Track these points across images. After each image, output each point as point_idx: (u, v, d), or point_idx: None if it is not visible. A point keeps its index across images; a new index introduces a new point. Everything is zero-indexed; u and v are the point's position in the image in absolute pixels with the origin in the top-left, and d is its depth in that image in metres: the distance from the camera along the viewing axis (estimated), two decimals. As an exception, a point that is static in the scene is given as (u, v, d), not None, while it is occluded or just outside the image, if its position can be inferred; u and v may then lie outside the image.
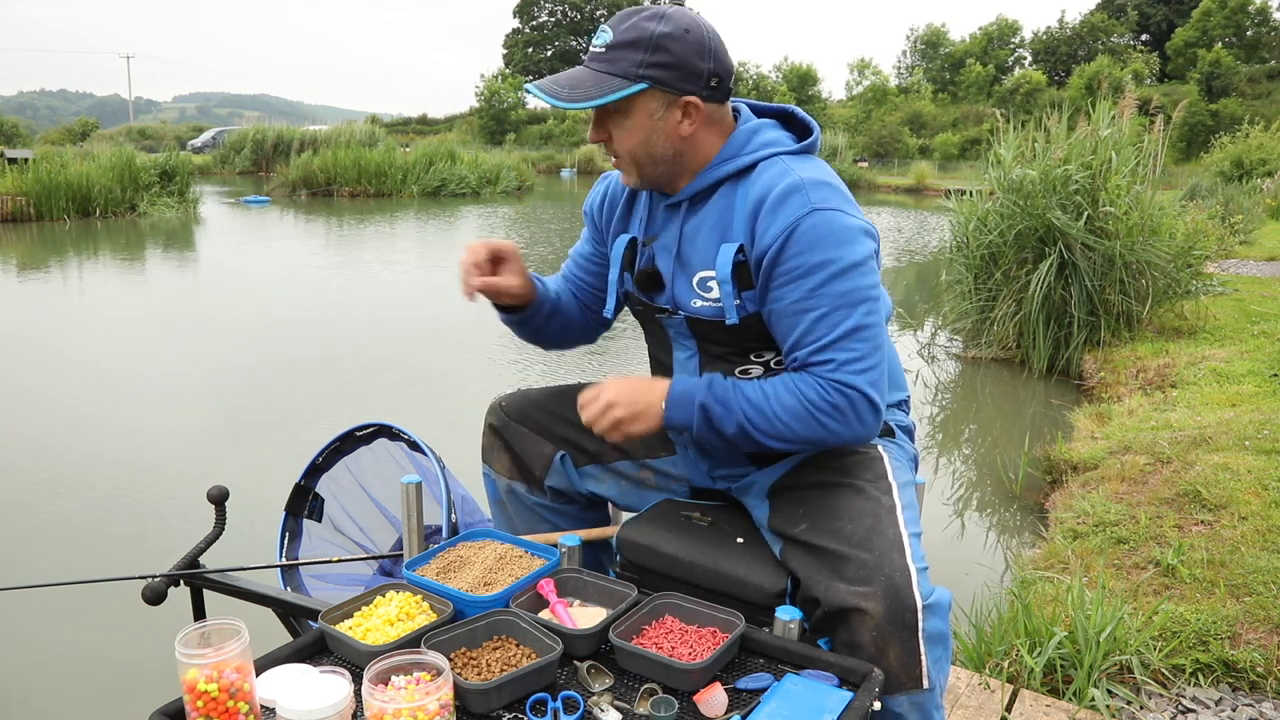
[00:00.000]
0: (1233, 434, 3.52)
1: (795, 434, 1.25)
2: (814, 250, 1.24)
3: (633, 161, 1.35)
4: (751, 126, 1.37)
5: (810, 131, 1.40)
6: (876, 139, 40.75)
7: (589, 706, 1.02)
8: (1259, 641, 2.12)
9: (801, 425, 1.25)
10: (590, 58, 1.30)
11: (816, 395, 1.23)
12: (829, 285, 1.24)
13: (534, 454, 1.58)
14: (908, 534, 1.22)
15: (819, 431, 1.25)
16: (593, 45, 1.31)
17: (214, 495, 1.69)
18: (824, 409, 1.23)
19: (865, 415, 1.24)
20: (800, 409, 1.24)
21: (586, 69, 1.29)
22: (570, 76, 1.30)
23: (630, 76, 1.26)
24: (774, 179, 1.29)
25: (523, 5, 62.02)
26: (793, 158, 1.33)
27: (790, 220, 1.24)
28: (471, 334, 6.85)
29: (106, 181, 14.77)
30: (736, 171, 1.33)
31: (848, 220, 1.26)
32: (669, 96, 1.28)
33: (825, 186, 1.28)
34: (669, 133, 1.31)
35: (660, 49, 1.25)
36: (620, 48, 1.26)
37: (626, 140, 1.32)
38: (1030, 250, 5.76)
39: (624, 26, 1.27)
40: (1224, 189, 13.72)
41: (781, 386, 1.26)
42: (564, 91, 1.28)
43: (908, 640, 1.14)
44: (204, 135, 37.37)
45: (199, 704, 0.93)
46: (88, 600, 2.71)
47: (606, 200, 1.53)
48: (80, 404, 4.81)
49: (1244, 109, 31.98)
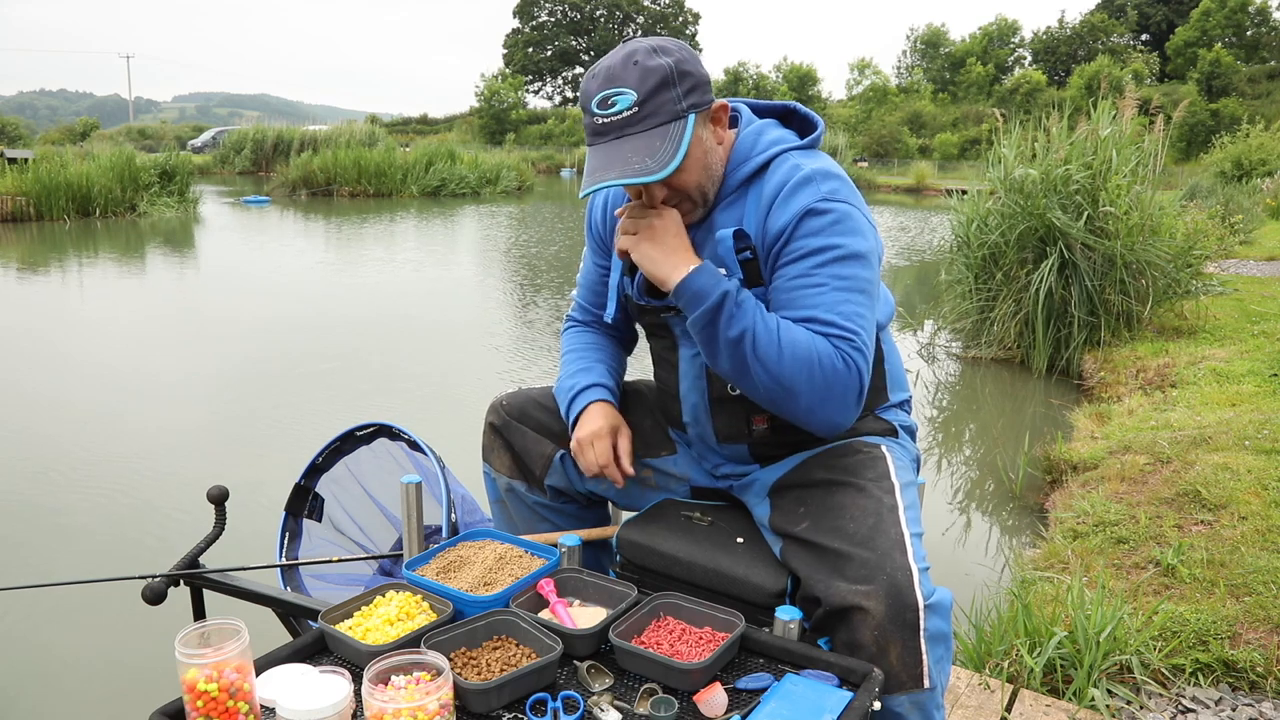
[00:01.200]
0: (1233, 434, 3.52)
1: (785, 374, 1.21)
2: (820, 235, 1.26)
3: (700, 194, 1.32)
4: (756, 128, 1.37)
5: (814, 127, 1.40)
6: (876, 139, 40.76)
7: (589, 706, 1.02)
8: (1259, 641, 2.12)
9: (797, 368, 1.21)
10: (621, 125, 1.23)
11: (828, 351, 1.22)
12: (830, 266, 1.25)
13: (534, 453, 1.58)
14: (910, 534, 1.22)
15: (808, 384, 1.21)
16: (605, 116, 1.23)
17: (214, 495, 1.69)
18: (827, 367, 1.21)
19: (850, 398, 1.24)
20: (807, 353, 1.21)
21: (626, 137, 1.23)
22: (622, 153, 1.22)
23: (678, 115, 1.24)
24: (786, 175, 1.30)
25: (522, 5, 62.01)
26: (801, 153, 1.34)
27: (800, 208, 1.26)
28: (471, 334, 6.85)
29: (106, 181, 14.77)
30: (749, 176, 1.34)
31: (854, 214, 1.28)
32: (705, 114, 1.29)
33: (835, 178, 1.30)
34: (714, 147, 1.32)
35: (684, 75, 1.24)
36: (652, 96, 1.22)
37: (691, 176, 1.29)
38: (1031, 250, 5.76)
39: (636, 77, 1.22)
40: (1224, 189, 13.72)
41: (799, 328, 1.24)
42: (640, 165, 1.20)
43: (909, 640, 1.14)
44: (204, 135, 37.39)
45: (199, 704, 0.93)
46: (87, 600, 2.71)
47: (607, 210, 1.53)
48: (79, 403, 4.81)
49: (1244, 109, 31.98)
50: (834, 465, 1.35)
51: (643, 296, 1.44)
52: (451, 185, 22.51)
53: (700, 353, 1.42)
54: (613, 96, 1.23)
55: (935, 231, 15.44)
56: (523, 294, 8.95)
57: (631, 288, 1.46)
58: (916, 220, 18.89)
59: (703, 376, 1.43)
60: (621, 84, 1.22)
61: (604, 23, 61.48)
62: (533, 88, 61.97)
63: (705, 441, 1.49)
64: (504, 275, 10.30)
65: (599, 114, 1.24)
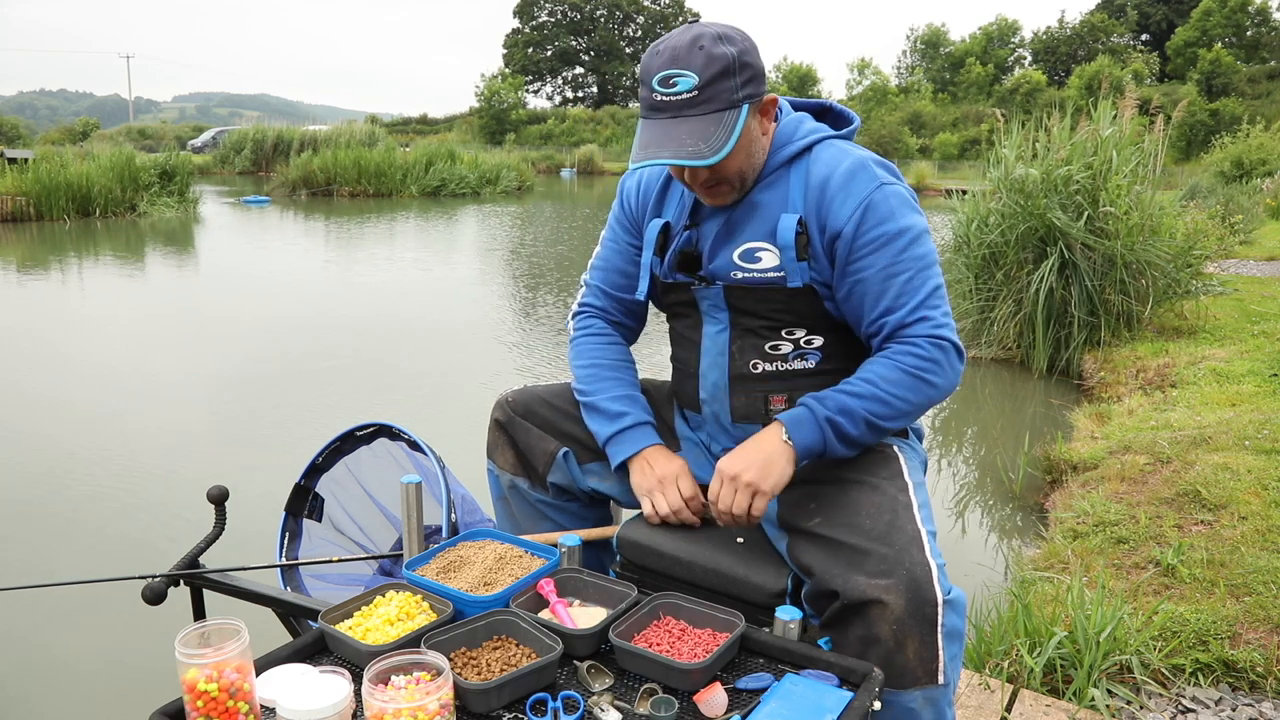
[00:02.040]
0: (1233, 434, 3.52)
1: (911, 404, 1.31)
2: (890, 220, 1.31)
3: (740, 179, 1.35)
4: (796, 118, 1.42)
5: (849, 122, 1.46)
6: (876, 139, 40.73)
7: (589, 706, 1.02)
8: (1259, 641, 2.12)
9: (914, 393, 1.30)
10: (679, 105, 1.25)
11: (915, 358, 1.30)
12: (910, 249, 1.32)
13: (538, 450, 1.58)
14: (925, 531, 1.23)
15: (927, 391, 1.31)
16: (665, 94, 1.26)
17: (214, 495, 1.68)
18: (926, 367, 1.30)
19: (956, 363, 1.33)
20: (907, 378, 1.30)
21: (683, 118, 1.26)
22: (677, 134, 1.25)
23: (734, 104, 1.27)
24: (835, 159, 1.35)
25: (523, 5, 62.01)
26: (842, 141, 1.40)
27: (863, 195, 1.31)
28: (472, 334, 6.85)
29: (106, 181, 14.77)
30: (791, 157, 1.38)
31: (908, 195, 1.36)
32: (757, 105, 1.31)
33: (883, 166, 1.37)
34: (759, 138, 1.35)
35: (745, 67, 1.27)
36: (713, 83, 1.24)
37: (734, 164, 1.32)
38: (1031, 250, 5.76)
39: (700, 62, 1.24)
40: (1224, 189, 13.72)
41: (880, 368, 1.31)
42: (694, 148, 1.24)
43: (927, 634, 1.14)
44: (204, 135, 37.39)
45: (199, 704, 0.93)
46: (87, 600, 2.71)
47: (641, 189, 1.54)
48: (79, 403, 4.81)
49: (1244, 109, 31.98)
50: (845, 463, 1.36)
51: (672, 274, 1.46)
52: (451, 185, 22.51)
53: (725, 329, 1.44)
54: (675, 77, 1.25)
55: (935, 231, 15.45)
56: (523, 294, 8.95)
57: (660, 266, 1.48)
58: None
59: (725, 353, 1.45)
60: (685, 65, 1.25)
61: (604, 23, 61.48)
62: (533, 88, 61.99)
63: (719, 421, 1.49)
64: (504, 275, 10.30)
65: (660, 91, 1.27)
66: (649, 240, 1.47)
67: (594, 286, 1.62)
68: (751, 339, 1.43)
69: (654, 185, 1.51)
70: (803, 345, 1.41)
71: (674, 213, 1.48)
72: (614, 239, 1.59)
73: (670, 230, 1.46)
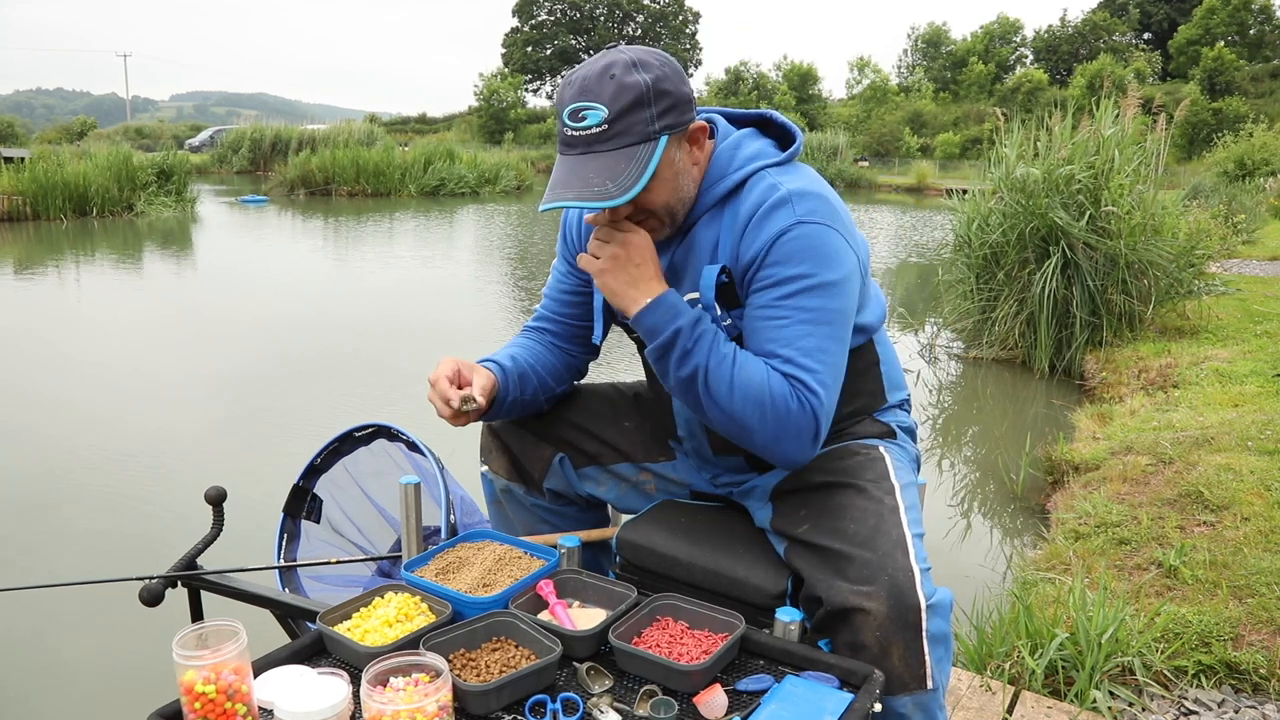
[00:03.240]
0: (1235, 434, 3.51)
1: (735, 411, 1.20)
2: (790, 263, 1.22)
3: (668, 214, 1.28)
4: (733, 141, 1.33)
5: (792, 138, 1.36)
6: (877, 138, 40.76)
7: (588, 708, 1.01)
8: (1262, 643, 2.11)
9: (748, 406, 1.20)
10: (589, 140, 1.19)
11: (781, 390, 1.20)
12: (798, 298, 1.22)
13: (533, 456, 1.57)
14: (911, 535, 1.22)
15: (760, 421, 1.20)
16: (575, 129, 1.19)
17: (212, 496, 1.68)
18: (780, 406, 1.19)
19: (805, 438, 1.22)
20: (759, 391, 1.19)
21: (593, 154, 1.19)
22: (585, 172, 1.19)
23: (649, 137, 1.19)
24: (762, 195, 1.26)
25: (522, 5, 62.03)
26: (778, 170, 1.30)
27: (774, 232, 1.23)
28: (471, 334, 6.85)
29: (104, 181, 14.78)
30: (726, 193, 1.30)
31: (832, 236, 1.24)
32: (681, 135, 1.25)
33: (813, 197, 1.25)
34: (688, 169, 1.28)
35: (662, 95, 1.19)
36: (624, 115, 1.17)
37: (659, 197, 1.25)
38: (1032, 250, 5.75)
39: (610, 93, 1.17)
40: (1227, 188, 13.72)
41: (757, 365, 1.22)
42: (600, 188, 1.17)
43: (911, 640, 1.14)
44: (202, 134, 37.39)
45: (196, 705, 0.92)
46: (85, 601, 2.70)
47: (582, 223, 1.48)
48: (76, 403, 4.81)
49: (1247, 108, 31.97)
50: (833, 468, 1.34)
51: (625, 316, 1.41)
52: (450, 185, 22.51)
53: None
54: (583, 110, 1.18)
55: (936, 231, 15.45)
56: (523, 294, 8.94)
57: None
58: (917, 220, 18.88)
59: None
60: (594, 98, 1.17)
61: (603, 22, 61.49)
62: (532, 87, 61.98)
63: (701, 454, 1.48)
64: (503, 275, 10.30)
65: (569, 125, 1.20)
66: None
67: (539, 310, 1.58)
68: None
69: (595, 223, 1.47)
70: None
71: None
72: (556, 271, 1.55)
73: None
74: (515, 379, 1.44)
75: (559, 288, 1.54)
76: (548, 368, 1.51)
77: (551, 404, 1.56)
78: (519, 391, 1.45)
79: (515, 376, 1.44)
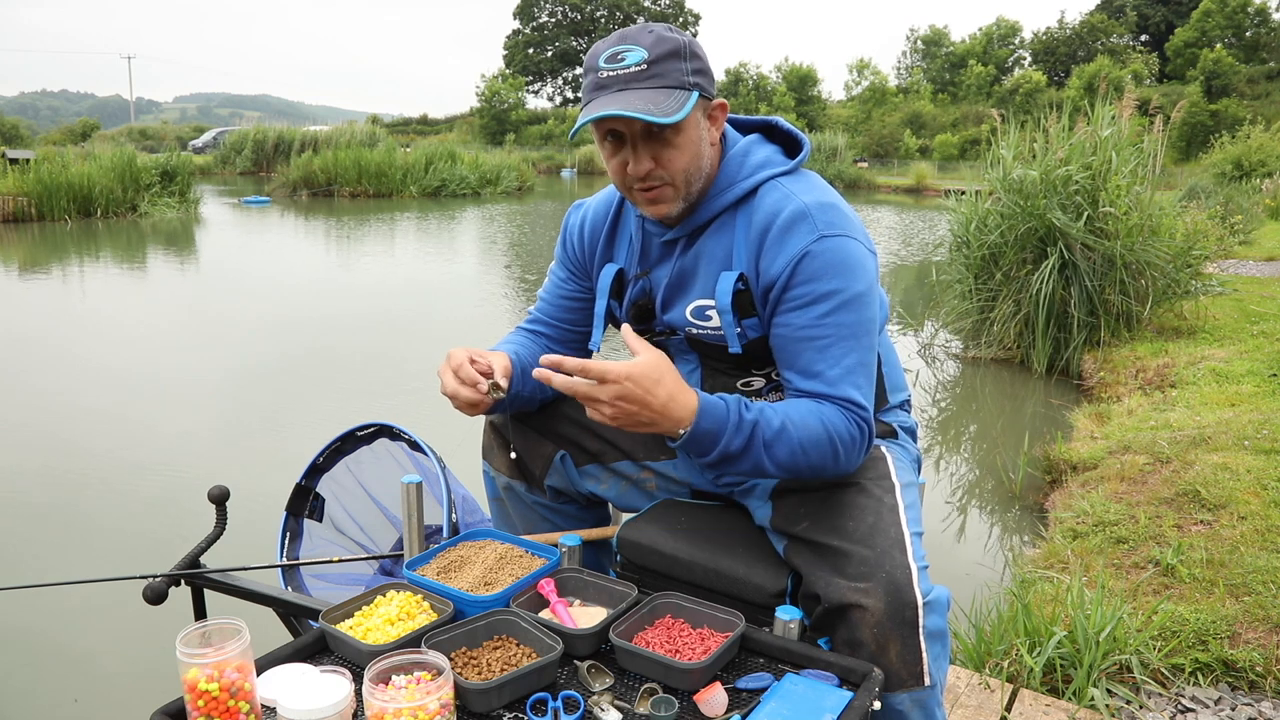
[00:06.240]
0: (1232, 434, 3.52)
1: (812, 464, 1.22)
2: (822, 279, 1.23)
3: (685, 182, 1.26)
4: (742, 148, 1.33)
5: (799, 145, 1.36)
6: (876, 139, 40.79)
7: (589, 706, 1.02)
8: (1258, 641, 2.12)
9: (818, 454, 1.21)
10: (626, 79, 1.18)
11: (843, 426, 1.21)
12: (836, 315, 1.23)
13: (534, 453, 1.57)
14: (909, 533, 1.22)
15: (827, 461, 1.22)
16: (611, 69, 1.19)
17: (215, 495, 1.69)
18: (844, 440, 1.22)
19: (863, 450, 1.26)
20: (824, 438, 1.20)
21: (632, 89, 1.18)
22: (626, 98, 1.18)
23: (685, 86, 1.20)
24: (777, 205, 1.26)
25: (523, 6, 62.04)
26: (790, 179, 1.30)
27: (799, 248, 1.23)
28: (471, 334, 6.85)
29: (108, 182, 14.78)
30: (735, 200, 1.30)
31: (853, 246, 1.25)
32: (706, 104, 1.26)
33: (830, 209, 1.26)
34: (709, 147, 1.28)
35: (694, 55, 1.22)
36: (663, 60, 1.19)
37: (680, 159, 1.23)
38: (1030, 250, 5.76)
39: (651, 41, 1.20)
40: (1223, 189, 13.72)
41: (808, 415, 1.21)
42: (643, 106, 1.15)
43: (909, 637, 1.14)
44: (205, 135, 37.39)
45: (200, 703, 0.93)
46: (88, 600, 2.71)
47: (586, 230, 1.48)
48: (81, 403, 4.81)
49: (1244, 109, 31.97)
50: None
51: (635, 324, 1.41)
52: (452, 186, 22.51)
53: (696, 369, 1.42)
54: (623, 52, 1.19)
55: (935, 231, 15.45)
56: (524, 294, 8.95)
57: (620, 311, 1.44)
58: (917, 220, 18.88)
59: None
60: (634, 42, 1.20)
61: (604, 23, 61.45)
62: (533, 88, 61.99)
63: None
64: (505, 275, 10.30)
65: (605, 68, 1.19)
66: (602, 288, 1.42)
67: (533, 313, 1.58)
68: (723, 378, 1.41)
69: (601, 227, 1.46)
70: (775, 378, 1.39)
71: (624, 257, 1.43)
72: (554, 275, 1.55)
73: (624, 277, 1.41)
74: (519, 372, 1.45)
75: (557, 293, 1.54)
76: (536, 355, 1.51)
77: (543, 404, 1.56)
78: (522, 385, 1.45)
79: (519, 370, 1.45)
